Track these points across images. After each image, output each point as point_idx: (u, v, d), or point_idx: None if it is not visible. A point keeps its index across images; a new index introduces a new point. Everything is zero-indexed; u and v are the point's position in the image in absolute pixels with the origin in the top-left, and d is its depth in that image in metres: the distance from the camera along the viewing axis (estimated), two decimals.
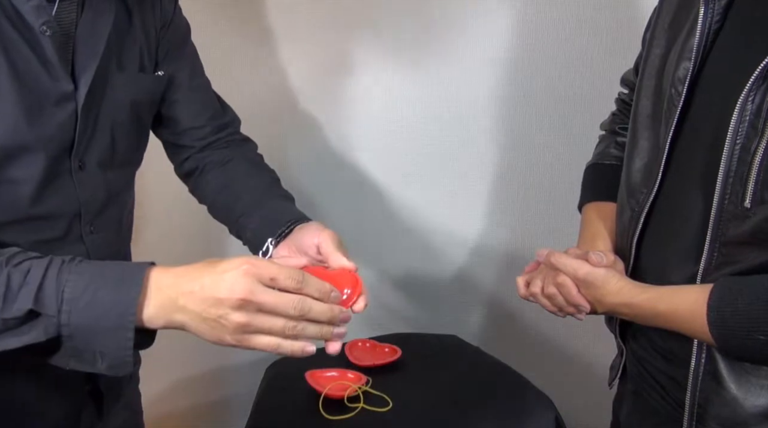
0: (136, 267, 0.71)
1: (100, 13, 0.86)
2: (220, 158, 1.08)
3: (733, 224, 0.79)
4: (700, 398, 0.85)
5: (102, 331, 0.68)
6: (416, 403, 1.25)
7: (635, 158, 0.94)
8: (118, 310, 0.68)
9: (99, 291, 0.68)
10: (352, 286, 0.81)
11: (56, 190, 0.83)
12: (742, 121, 0.77)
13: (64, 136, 0.83)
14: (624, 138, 1.06)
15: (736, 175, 0.78)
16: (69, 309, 0.67)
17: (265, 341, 0.71)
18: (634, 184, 0.94)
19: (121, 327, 0.68)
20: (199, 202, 1.12)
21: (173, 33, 1.01)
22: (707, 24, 0.84)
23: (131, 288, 0.69)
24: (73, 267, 0.70)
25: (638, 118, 0.95)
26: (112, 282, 0.69)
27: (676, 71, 0.87)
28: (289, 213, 1.00)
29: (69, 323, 0.67)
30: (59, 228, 0.85)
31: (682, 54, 0.87)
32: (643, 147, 0.93)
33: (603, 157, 1.11)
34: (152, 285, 0.70)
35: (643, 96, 0.95)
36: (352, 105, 1.63)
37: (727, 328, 0.78)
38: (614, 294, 0.89)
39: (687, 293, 0.83)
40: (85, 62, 0.84)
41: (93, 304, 0.68)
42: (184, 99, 1.04)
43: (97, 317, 0.68)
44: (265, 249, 0.96)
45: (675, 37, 0.90)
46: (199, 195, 1.11)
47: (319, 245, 0.90)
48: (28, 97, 0.77)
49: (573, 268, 0.92)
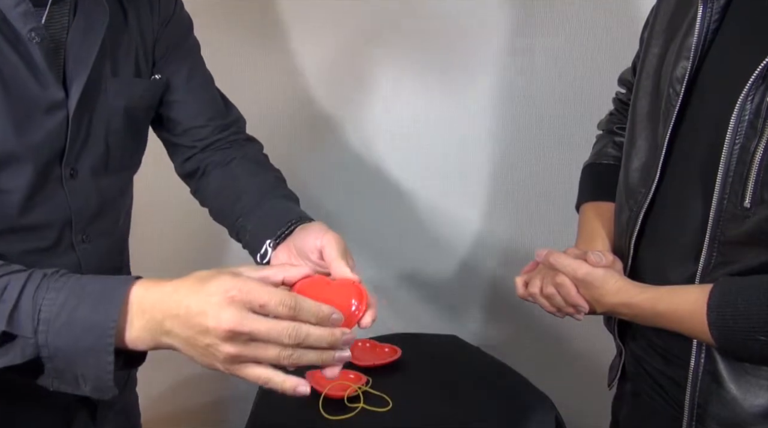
0: (118, 283, 0.66)
1: (94, 17, 0.83)
2: (221, 159, 1.04)
3: (733, 224, 0.79)
4: (700, 398, 0.85)
5: (81, 353, 0.64)
6: (416, 403, 1.25)
7: (633, 158, 0.94)
8: (95, 333, 0.63)
9: (76, 310, 0.64)
10: (358, 299, 0.73)
11: (45, 200, 0.81)
12: (741, 121, 0.77)
13: (54, 144, 0.80)
14: (621, 137, 1.06)
15: (735, 175, 0.78)
16: (46, 330, 0.64)
17: (257, 373, 0.65)
18: (633, 184, 0.94)
19: (100, 350, 0.64)
20: (201, 205, 1.08)
21: (173, 30, 0.98)
22: (705, 24, 0.84)
23: (110, 309, 0.64)
24: (52, 284, 0.66)
25: (636, 118, 0.95)
26: (91, 301, 0.65)
27: (674, 71, 0.87)
28: (290, 213, 0.93)
29: (47, 344, 0.64)
30: (49, 237, 0.83)
31: (680, 53, 0.87)
32: (641, 147, 0.93)
33: (600, 156, 1.11)
34: (134, 305, 0.65)
35: (641, 96, 0.94)
36: (354, 106, 1.63)
37: (727, 329, 0.77)
38: (613, 294, 0.89)
39: (687, 293, 0.83)
40: (77, 69, 0.81)
41: (70, 325, 0.64)
42: (183, 99, 1.00)
43: (76, 338, 0.64)
44: (264, 252, 0.90)
45: (673, 36, 0.90)
46: (200, 197, 1.07)
47: (322, 249, 0.83)
48: (16, 105, 0.75)
49: (572, 268, 0.92)
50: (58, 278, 0.66)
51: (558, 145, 1.59)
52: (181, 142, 1.04)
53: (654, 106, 0.91)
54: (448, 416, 1.21)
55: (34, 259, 0.76)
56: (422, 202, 1.69)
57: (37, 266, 0.75)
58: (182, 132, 1.03)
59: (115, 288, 0.66)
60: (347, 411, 1.20)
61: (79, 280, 0.67)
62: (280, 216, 0.93)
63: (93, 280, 0.67)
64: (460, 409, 1.24)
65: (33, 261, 0.72)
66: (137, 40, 0.92)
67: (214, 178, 1.04)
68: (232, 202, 1.00)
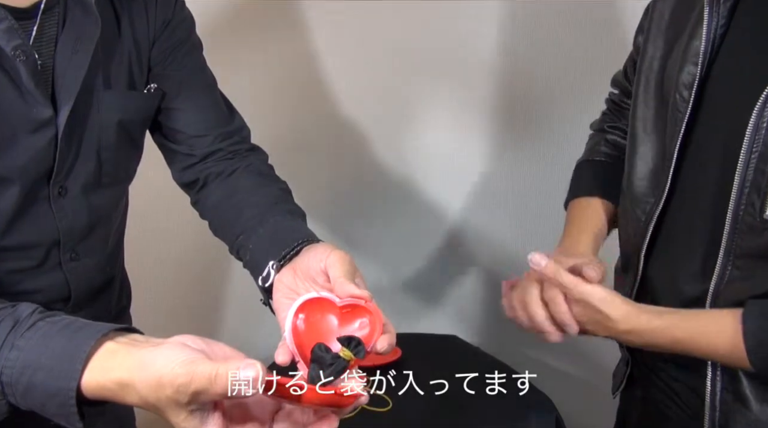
0: (80, 343, 0.60)
1: (84, 28, 0.77)
2: (223, 169, 0.95)
3: (750, 236, 0.75)
4: (721, 419, 0.82)
5: (51, 413, 0.60)
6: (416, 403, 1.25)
7: (638, 165, 0.90)
8: (57, 401, 0.59)
9: (36, 374, 0.59)
10: (370, 324, 0.66)
11: (32, 219, 0.78)
12: (759, 128, 0.73)
13: (41, 164, 0.76)
14: (613, 136, 1.04)
15: (752, 185, 0.74)
16: (12, 393, 0.60)
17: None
18: (639, 193, 0.89)
19: (66, 414, 0.59)
20: (200, 217, 1.00)
21: (173, 32, 0.92)
22: (713, 28, 0.80)
23: (69, 379, 0.58)
24: (17, 340, 0.61)
25: (637, 123, 0.91)
26: (50, 364, 0.59)
27: (680, 76, 0.83)
28: (296, 231, 0.83)
29: (18, 403, 0.61)
30: (35, 257, 0.80)
31: (685, 58, 0.83)
32: (645, 153, 0.89)
33: (593, 153, 1.07)
34: (96, 373, 0.59)
35: (641, 101, 0.91)
36: (354, 105, 1.63)
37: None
38: (621, 320, 0.80)
39: (712, 318, 0.78)
40: (66, 84, 0.76)
41: (31, 391, 0.60)
42: (182, 107, 0.93)
43: (41, 404, 0.60)
44: (266, 275, 0.80)
45: (676, 38, 0.86)
46: (199, 209, 0.99)
47: (326, 270, 0.73)
48: (0, 126, 0.72)
49: (573, 285, 0.82)
50: (27, 330, 0.62)
51: (558, 144, 1.59)
52: (180, 150, 0.96)
53: (659, 112, 0.88)
54: (447, 416, 1.21)
55: (19, 279, 0.73)
56: (422, 203, 1.69)
57: (23, 285, 0.72)
58: (180, 140, 0.96)
59: (76, 352, 0.59)
60: None
61: (44, 338, 0.61)
62: (285, 234, 0.83)
63: (57, 339, 0.61)
64: (459, 409, 1.23)
65: (18, 281, 0.70)
66: (131, 49, 0.87)
67: (214, 190, 0.96)
68: (233, 217, 0.91)
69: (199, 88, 0.96)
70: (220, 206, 0.94)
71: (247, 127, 1.02)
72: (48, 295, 0.84)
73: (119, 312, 1.03)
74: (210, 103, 0.97)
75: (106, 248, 0.92)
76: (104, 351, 0.60)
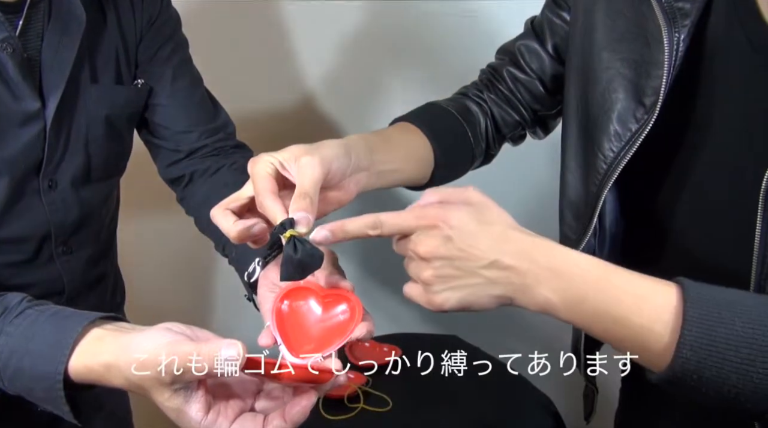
0: (67, 330, 0.62)
1: (69, 21, 0.79)
2: (208, 166, 0.97)
3: None
4: None
5: (38, 398, 0.62)
6: (416, 403, 1.25)
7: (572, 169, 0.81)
8: (44, 385, 0.61)
9: (24, 359, 0.61)
10: (350, 310, 0.68)
11: (22, 212, 0.79)
12: None
13: (30, 156, 0.78)
14: (470, 101, 0.95)
15: None
16: (0, 377, 0.63)
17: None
18: (574, 200, 0.81)
19: (54, 398, 0.61)
20: (186, 214, 1.02)
21: (159, 29, 0.93)
22: (673, 59, 0.67)
23: (57, 363, 0.60)
24: (6, 326, 0.63)
25: (570, 117, 0.81)
26: (38, 349, 0.61)
27: (641, 78, 0.70)
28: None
29: (6, 388, 0.63)
30: (26, 250, 0.81)
31: (645, 59, 0.69)
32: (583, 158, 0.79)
33: (442, 101, 0.96)
34: (83, 356, 0.61)
35: (573, 85, 0.79)
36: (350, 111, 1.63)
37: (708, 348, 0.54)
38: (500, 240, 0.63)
39: (655, 285, 0.60)
40: (53, 77, 0.78)
41: (19, 375, 0.62)
42: (167, 102, 0.95)
43: (28, 388, 0.62)
44: (252, 270, 0.83)
45: (622, 29, 0.72)
46: (185, 206, 1.02)
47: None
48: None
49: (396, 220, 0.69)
50: (15, 318, 0.64)
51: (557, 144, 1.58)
52: (165, 146, 0.98)
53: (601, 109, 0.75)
54: (447, 416, 1.21)
55: (13, 272, 0.74)
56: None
57: (16, 279, 0.73)
58: (166, 136, 0.97)
59: (63, 338, 0.61)
60: (347, 411, 1.20)
61: (31, 324, 0.63)
62: (271, 231, 0.85)
63: (44, 327, 0.63)
64: (459, 409, 1.23)
65: (12, 275, 0.71)
66: (118, 44, 0.88)
67: (200, 186, 0.98)
68: None
69: (184, 85, 0.97)
70: (207, 203, 0.93)
71: (232, 124, 1.04)
72: (42, 289, 0.85)
73: (113, 308, 1.04)
74: (195, 100, 0.99)
75: (98, 241, 0.93)
76: (91, 337, 0.62)
